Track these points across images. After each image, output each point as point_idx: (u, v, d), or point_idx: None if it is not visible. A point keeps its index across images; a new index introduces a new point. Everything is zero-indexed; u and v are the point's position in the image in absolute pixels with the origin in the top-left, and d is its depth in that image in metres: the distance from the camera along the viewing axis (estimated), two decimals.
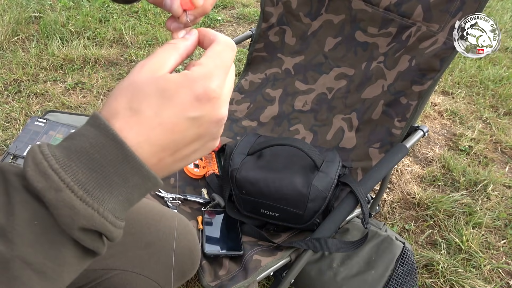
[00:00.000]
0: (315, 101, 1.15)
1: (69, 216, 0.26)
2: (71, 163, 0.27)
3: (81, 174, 0.27)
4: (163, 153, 0.30)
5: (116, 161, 0.27)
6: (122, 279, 0.60)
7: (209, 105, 0.30)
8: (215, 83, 0.30)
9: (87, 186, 0.27)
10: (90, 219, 0.27)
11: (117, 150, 0.27)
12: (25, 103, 1.70)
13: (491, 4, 3.04)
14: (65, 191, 0.26)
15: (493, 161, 1.65)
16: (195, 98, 0.29)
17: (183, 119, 0.29)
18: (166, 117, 0.29)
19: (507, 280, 1.21)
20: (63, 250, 0.28)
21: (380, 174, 0.87)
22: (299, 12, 1.17)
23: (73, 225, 0.26)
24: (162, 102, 0.29)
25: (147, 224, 0.63)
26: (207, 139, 0.32)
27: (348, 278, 0.96)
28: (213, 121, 0.31)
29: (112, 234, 0.29)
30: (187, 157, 0.32)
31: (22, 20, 2.19)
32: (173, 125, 0.29)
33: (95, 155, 0.27)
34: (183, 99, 0.29)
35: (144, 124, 0.29)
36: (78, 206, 0.26)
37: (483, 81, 2.13)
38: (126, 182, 0.28)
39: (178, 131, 0.29)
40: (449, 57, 0.89)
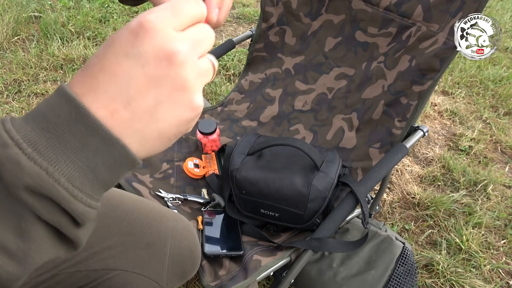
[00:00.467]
0: (315, 101, 1.15)
1: (14, 173, 0.24)
2: (26, 125, 0.25)
3: (33, 134, 0.25)
4: (113, 103, 0.26)
5: (69, 119, 0.25)
6: (122, 279, 0.60)
7: (148, 38, 0.26)
8: (153, 15, 0.27)
9: (38, 145, 0.25)
10: (36, 177, 0.24)
11: (69, 107, 0.25)
12: (25, 103, 1.70)
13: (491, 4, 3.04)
14: (12, 147, 0.24)
15: (493, 161, 1.65)
16: (130, 32, 0.27)
17: (121, 57, 0.26)
18: (106, 60, 0.27)
19: (507, 280, 1.21)
20: (23, 223, 0.25)
21: (380, 174, 0.87)
22: (299, 12, 1.17)
23: (17, 183, 0.24)
24: (104, 49, 0.27)
25: (148, 224, 0.63)
26: (169, 85, 0.27)
27: (348, 278, 0.96)
28: (160, 57, 0.27)
29: (71, 205, 0.25)
30: (152, 113, 0.27)
31: (22, 20, 2.19)
32: (112, 65, 0.26)
33: (49, 115, 0.25)
34: (120, 37, 0.27)
35: (88, 74, 0.27)
36: (23, 162, 0.24)
37: (483, 81, 2.13)
38: (85, 145, 0.25)
39: (121, 73, 0.26)
40: (449, 57, 0.89)
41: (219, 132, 1.13)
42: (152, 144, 0.28)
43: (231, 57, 2.11)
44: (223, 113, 1.27)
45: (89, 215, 0.27)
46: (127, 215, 0.62)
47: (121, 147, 0.26)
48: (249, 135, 1.05)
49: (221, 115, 1.27)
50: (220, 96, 1.81)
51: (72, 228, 0.27)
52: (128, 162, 0.27)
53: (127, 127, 0.27)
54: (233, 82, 1.94)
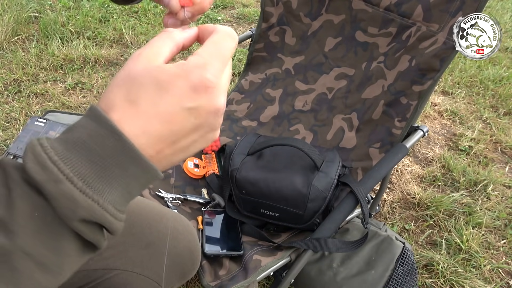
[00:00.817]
0: (315, 101, 1.15)
1: (69, 207, 0.26)
2: (70, 155, 0.26)
3: (81, 166, 0.26)
4: (161, 144, 0.29)
5: (115, 152, 0.27)
6: (122, 279, 0.60)
7: (205, 95, 0.29)
8: (211, 72, 0.30)
9: (86, 178, 0.26)
10: (91, 211, 0.26)
11: (116, 141, 0.27)
12: (25, 103, 1.70)
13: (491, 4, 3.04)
14: (65, 182, 0.25)
15: (493, 161, 1.65)
16: (191, 88, 0.29)
17: (180, 109, 0.29)
18: (163, 108, 0.29)
19: (507, 280, 1.21)
20: (63, 242, 0.28)
21: (380, 174, 0.87)
22: (299, 12, 1.17)
23: (73, 217, 0.26)
24: (158, 93, 0.29)
25: (148, 224, 0.63)
26: (206, 130, 0.31)
27: (348, 278, 0.96)
28: (211, 111, 0.30)
29: (112, 226, 0.28)
30: (187, 149, 0.31)
31: (22, 20, 2.19)
32: (170, 115, 0.29)
33: (93, 146, 0.27)
34: (179, 89, 0.29)
35: (141, 115, 0.28)
36: (78, 197, 0.26)
37: (483, 81, 2.13)
38: (125, 173, 0.28)
39: (176, 122, 0.29)
40: (449, 57, 0.89)
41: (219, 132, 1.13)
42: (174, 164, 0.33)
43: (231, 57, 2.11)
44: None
45: (121, 228, 0.30)
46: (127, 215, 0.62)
47: (155, 172, 0.29)
48: (249, 135, 1.05)
49: None
50: None
51: (103, 240, 0.30)
52: (156, 180, 0.31)
53: (164, 159, 0.31)
54: (233, 82, 1.94)
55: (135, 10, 2.48)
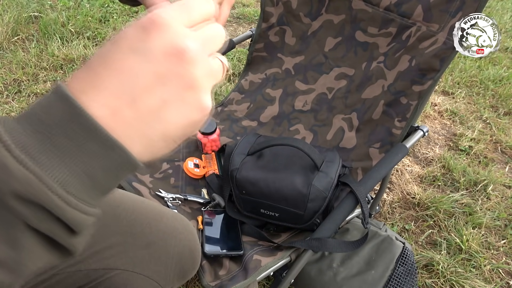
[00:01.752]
0: (315, 101, 1.15)
1: (1, 177, 0.22)
2: (18, 125, 0.23)
3: (25, 136, 0.23)
4: (116, 101, 0.24)
5: (63, 120, 0.23)
6: (122, 278, 0.60)
7: (156, 32, 0.25)
8: (165, 11, 0.25)
9: (28, 148, 0.22)
10: (25, 183, 0.22)
11: (63, 106, 0.23)
12: (25, 103, 1.70)
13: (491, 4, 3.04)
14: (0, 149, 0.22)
15: (493, 161, 1.65)
16: (139, 27, 0.25)
17: (128, 52, 0.24)
18: (110, 55, 0.25)
19: (507, 280, 1.21)
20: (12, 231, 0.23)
21: (380, 174, 0.87)
22: (299, 12, 1.17)
23: (5, 189, 0.22)
24: (109, 46, 0.25)
25: (148, 224, 0.63)
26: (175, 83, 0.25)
27: (348, 278, 0.96)
28: (168, 53, 0.25)
29: (65, 213, 0.23)
30: (158, 112, 0.25)
31: (22, 20, 2.19)
32: (117, 61, 0.24)
33: (42, 115, 0.23)
34: (127, 33, 0.25)
35: (88, 70, 0.25)
36: (10, 165, 0.21)
37: (483, 81, 2.13)
38: (81, 148, 0.23)
39: (126, 69, 0.24)
40: (449, 57, 0.89)
41: (219, 132, 1.13)
42: (156, 146, 0.26)
43: (231, 57, 2.11)
44: (223, 113, 1.27)
45: (86, 222, 0.25)
46: (127, 214, 0.62)
47: (122, 151, 0.24)
48: (249, 135, 1.05)
49: (221, 115, 1.27)
50: (220, 96, 1.81)
51: (66, 237, 0.25)
52: (128, 166, 0.25)
53: (129, 127, 0.25)
54: (233, 82, 1.94)
55: (135, 10, 2.48)
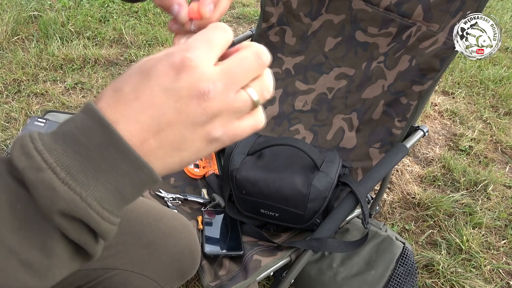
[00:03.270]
0: (315, 101, 1.15)
1: (49, 197, 0.24)
2: (57, 146, 0.25)
3: (66, 157, 0.25)
4: (144, 132, 0.27)
5: (102, 145, 0.26)
6: (122, 278, 0.60)
7: (186, 75, 0.27)
8: (194, 53, 0.28)
9: (70, 169, 0.25)
10: (71, 203, 0.24)
11: (103, 132, 0.26)
12: (25, 103, 1.70)
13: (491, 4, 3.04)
14: (46, 171, 0.24)
15: (493, 161, 1.65)
16: (171, 67, 0.27)
17: (158, 90, 0.27)
18: (142, 90, 0.27)
19: (508, 280, 1.21)
20: (49, 240, 0.26)
21: (380, 174, 0.87)
22: (299, 12, 1.17)
23: (52, 208, 0.24)
24: (140, 77, 0.28)
25: (148, 223, 0.63)
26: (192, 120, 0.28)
27: (348, 278, 0.96)
28: (192, 95, 0.27)
29: (99, 226, 0.26)
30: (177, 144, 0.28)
31: (22, 19, 2.19)
32: (148, 97, 0.27)
33: (81, 138, 0.26)
34: (159, 70, 0.27)
35: (121, 101, 0.27)
36: (58, 187, 0.24)
37: (483, 81, 2.13)
38: (114, 169, 0.26)
39: (155, 105, 0.27)
40: (449, 57, 0.89)
41: None
42: (173, 168, 0.30)
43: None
44: None
45: (113, 232, 0.28)
46: (126, 214, 0.62)
47: (148, 170, 0.27)
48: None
49: None
50: None
51: (94, 245, 0.28)
52: (151, 182, 0.28)
53: (153, 155, 0.28)
54: None
55: (135, 10, 2.48)
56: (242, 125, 0.31)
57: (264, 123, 0.33)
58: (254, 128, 0.32)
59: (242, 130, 0.31)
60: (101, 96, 0.28)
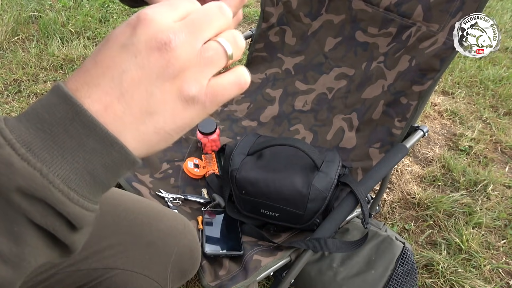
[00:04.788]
0: (315, 101, 1.15)
1: (6, 174, 0.23)
2: (20, 124, 0.24)
3: (27, 134, 0.24)
4: (106, 96, 0.25)
5: (65, 118, 0.24)
6: (123, 278, 0.60)
7: (142, 28, 0.25)
8: (151, 9, 0.26)
9: (32, 146, 0.23)
10: (29, 179, 0.23)
11: (66, 106, 0.24)
12: (25, 103, 1.70)
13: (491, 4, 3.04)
14: (4, 147, 0.23)
15: (493, 161, 1.65)
16: (126, 25, 0.26)
17: (116, 49, 0.26)
18: (100, 54, 0.26)
19: (507, 280, 1.21)
20: (16, 226, 0.24)
21: (380, 174, 0.87)
22: (299, 12, 1.17)
23: (9, 185, 0.23)
24: (101, 45, 0.26)
25: (148, 223, 0.63)
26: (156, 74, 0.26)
27: (348, 278, 0.96)
28: (152, 46, 0.25)
29: (66, 208, 0.24)
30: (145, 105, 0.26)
31: (22, 20, 2.19)
32: (106, 59, 0.26)
33: (44, 114, 0.24)
34: (116, 31, 0.26)
35: (81, 69, 0.26)
36: (16, 163, 0.23)
37: (483, 81, 2.13)
38: (81, 145, 0.24)
39: (113, 65, 0.25)
40: (449, 57, 0.89)
41: (219, 132, 1.13)
42: (150, 140, 0.27)
43: None
44: (223, 113, 1.27)
45: (87, 218, 0.26)
46: (127, 214, 0.62)
47: (120, 147, 0.25)
48: (249, 135, 1.05)
49: (221, 115, 1.27)
50: None
51: (67, 233, 0.26)
52: (127, 162, 0.26)
53: (121, 122, 0.25)
54: None
55: (134, 10, 2.48)
56: (221, 81, 0.28)
57: (248, 79, 0.29)
58: (237, 85, 0.28)
59: (223, 87, 0.27)
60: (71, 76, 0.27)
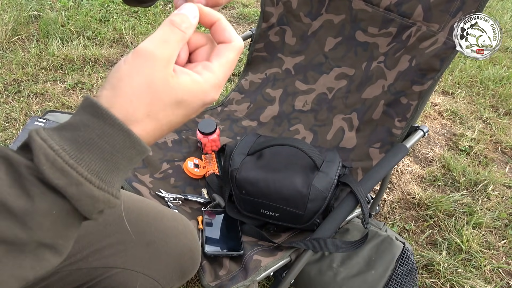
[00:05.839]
0: (315, 101, 1.15)
1: (91, 204, 0.29)
2: (83, 155, 0.29)
3: (95, 165, 0.29)
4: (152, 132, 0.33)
5: (123, 148, 0.31)
6: (123, 277, 0.60)
7: (206, 105, 0.35)
8: (220, 92, 0.35)
9: (100, 174, 0.29)
10: (108, 203, 0.30)
11: (125, 138, 0.30)
12: (25, 103, 1.70)
13: (491, 4, 3.04)
14: (85, 184, 0.28)
15: (493, 161, 1.65)
16: (203, 104, 0.34)
17: (184, 118, 0.34)
18: (175, 119, 0.34)
19: (508, 280, 1.21)
20: (73, 230, 0.31)
21: (380, 174, 0.87)
22: (299, 12, 1.17)
23: (93, 211, 0.30)
24: (177, 110, 0.33)
25: (148, 223, 0.63)
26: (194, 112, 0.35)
27: (348, 278, 0.96)
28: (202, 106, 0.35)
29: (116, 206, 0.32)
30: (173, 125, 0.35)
31: (22, 19, 2.19)
32: (175, 123, 0.34)
33: (104, 145, 0.30)
34: (194, 105, 0.34)
35: (158, 128, 0.33)
36: (97, 195, 0.29)
37: (483, 81, 2.13)
38: (130, 163, 0.32)
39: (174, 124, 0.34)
40: (449, 57, 0.89)
41: (219, 132, 1.13)
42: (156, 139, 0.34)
43: None
44: (223, 113, 1.27)
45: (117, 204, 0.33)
46: (127, 213, 0.62)
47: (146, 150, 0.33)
48: (249, 135, 1.05)
49: (221, 115, 1.27)
50: (220, 96, 1.81)
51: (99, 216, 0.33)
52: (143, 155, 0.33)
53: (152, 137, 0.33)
54: (233, 82, 1.94)
55: (135, 10, 2.47)
56: None
57: None
58: None
59: None
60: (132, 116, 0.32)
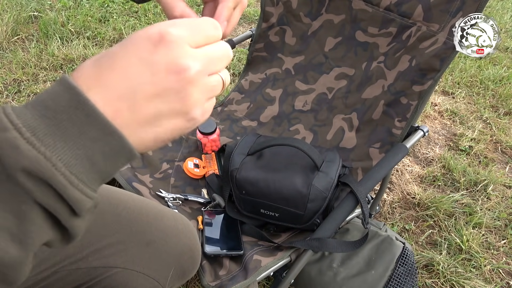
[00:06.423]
0: (315, 101, 1.15)
1: (12, 156, 0.24)
2: (26, 110, 0.26)
3: (33, 120, 0.25)
4: (118, 102, 0.27)
5: (69, 107, 0.26)
6: (123, 277, 0.60)
7: (163, 49, 0.27)
8: (174, 28, 0.28)
9: (36, 131, 0.25)
10: (34, 161, 0.24)
11: (70, 96, 0.26)
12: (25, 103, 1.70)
13: (491, 4, 3.04)
14: (11, 131, 0.24)
15: (493, 161, 1.65)
16: (149, 39, 0.28)
17: (135, 60, 0.27)
18: (118, 59, 0.28)
19: (508, 280, 1.21)
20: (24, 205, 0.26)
21: (380, 174, 0.87)
22: (300, 12, 1.17)
23: (15, 166, 0.24)
24: (118, 48, 0.28)
25: (148, 223, 0.63)
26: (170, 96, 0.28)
27: (348, 278, 0.96)
28: (170, 70, 0.27)
29: (67, 191, 0.25)
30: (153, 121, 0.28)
31: (22, 19, 2.19)
32: (123, 67, 0.27)
33: (49, 102, 0.26)
34: (137, 41, 0.28)
35: (96, 68, 0.28)
36: (21, 146, 0.24)
37: (483, 81, 2.13)
38: (83, 133, 0.26)
39: (132, 75, 0.27)
40: (449, 57, 0.89)
41: (219, 132, 1.13)
42: (146, 145, 0.29)
43: None
44: (223, 113, 1.27)
45: (85, 203, 0.27)
46: (127, 213, 0.62)
47: (118, 136, 0.27)
48: (249, 135, 1.05)
49: (221, 115, 1.27)
50: (220, 96, 1.81)
51: (68, 217, 0.27)
52: (125, 153, 0.28)
53: (126, 128, 0.27)
54: (233, 82, 1.94)
55: (135, 10, 2.47)
56: (211, 104, 0.32)
57: None
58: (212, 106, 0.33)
59: (210, 109, 0.32)
60: (79, 67, 0.28)
